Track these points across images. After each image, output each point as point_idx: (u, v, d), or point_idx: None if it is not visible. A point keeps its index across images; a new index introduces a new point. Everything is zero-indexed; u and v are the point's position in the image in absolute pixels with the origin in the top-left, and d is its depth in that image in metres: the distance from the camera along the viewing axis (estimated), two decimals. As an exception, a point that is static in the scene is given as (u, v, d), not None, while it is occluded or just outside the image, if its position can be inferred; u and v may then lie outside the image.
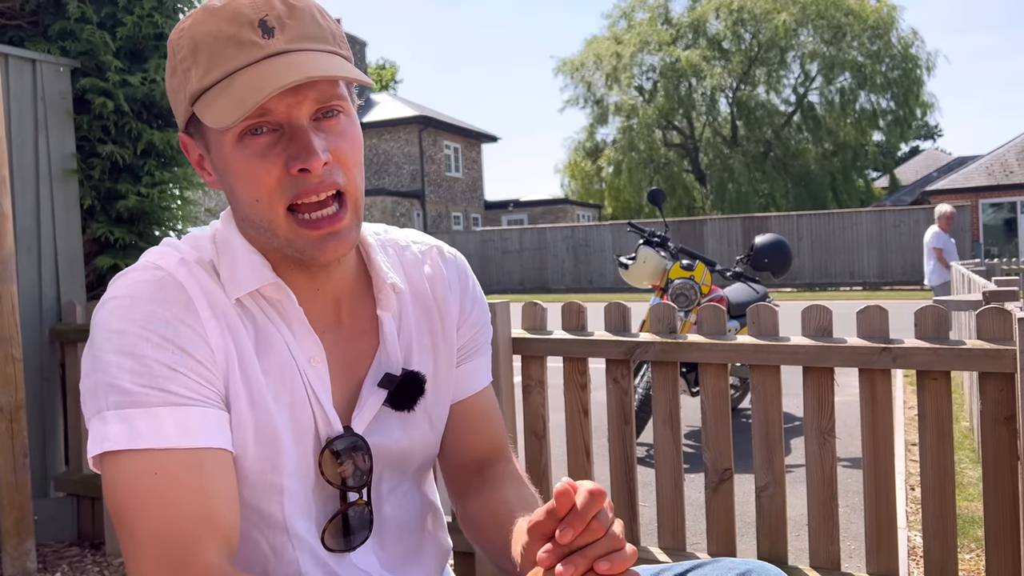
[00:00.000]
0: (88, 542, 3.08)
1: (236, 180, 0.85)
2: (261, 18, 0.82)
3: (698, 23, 32.02)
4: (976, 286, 4.95)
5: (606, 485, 2.40)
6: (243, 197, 0.85)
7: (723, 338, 2.07)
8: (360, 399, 0.96)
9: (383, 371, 0.97)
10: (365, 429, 0.95)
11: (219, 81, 0.82)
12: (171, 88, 0.88)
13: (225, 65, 0.82)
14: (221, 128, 0.81)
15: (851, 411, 4.85)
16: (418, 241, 1.06)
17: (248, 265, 0.89)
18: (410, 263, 1.03)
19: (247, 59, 0.81)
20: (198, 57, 0.83)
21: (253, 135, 0.83)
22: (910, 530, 3.05)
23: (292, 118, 0.83)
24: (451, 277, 1.05)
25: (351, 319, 0.97)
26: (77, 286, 3.21)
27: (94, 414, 0.82)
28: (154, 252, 0.90)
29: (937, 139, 47.48)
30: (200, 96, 0.83)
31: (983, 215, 23.75)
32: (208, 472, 0.81)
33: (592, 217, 33.74)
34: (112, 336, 0.82)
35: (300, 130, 0.83)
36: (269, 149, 0.83)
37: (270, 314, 0.91)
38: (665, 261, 4.74)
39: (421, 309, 1.02)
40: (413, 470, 1.02)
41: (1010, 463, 1.79)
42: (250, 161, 0.83)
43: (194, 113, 0.85)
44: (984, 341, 1.80)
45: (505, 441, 1.11)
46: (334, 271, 0.94)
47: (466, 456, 1.07)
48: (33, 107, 3.08)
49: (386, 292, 0.97)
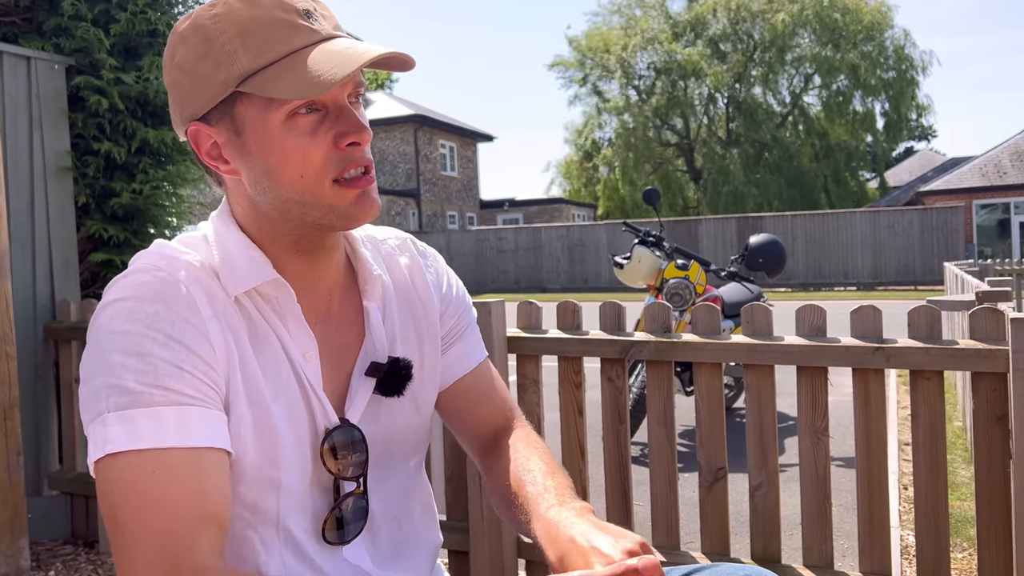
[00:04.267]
0: (82, 540, 3.07)
1: (284, 157, 0.87)
2: (305, 7, 0.88)
3: (696, 22, 32.07)
4: (969, 286, 4.97)
5: (600, 484, 2.40)
6: (286, 175, 0.88)
7: (717, 337, 2.08)
8: (351, 389, 0.98)
9: (369, 360, 0.99)
10: (359, 418, 0.97)
11: (280, 60, 0.85)
12: (194, 72, 0.87)
13: (284, 45, 0.85)
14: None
15: (845, 410, 4.86)
16: (392, 236, 1.11)
17: (247, 262, 0.90)
18: (388, 256, 1.07)
19: (307, 40, 0.86)
20: (248, 40, 0.85)
21: (302, 115, 0.87)
22: (903, 529, 3.06)
23: (337, 99, 0.89)
24: (428, 266, 1.10)
25: (340, 310, 0.99)
26: (71, 284, 3.20)
27: (94, 418, 0.81)
28: (149, 254, 0.90)
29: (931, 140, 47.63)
30: (254, 75, 0.85)
31: (976, 216, 23.84)
32: (206, 471, 0.81)
33: (587, 217, 33.75)
34: (116, 337, 0.82)
35: (346, 108, 0.89)
36: (318, 126, 0.87)
37: (264, 310, 0.92)
38: (660, 261, 4.75)
39: (403, 300, 1.06)
40: (401, 459, 1.04)
41: (1002, 463, 1.80)
42: (300, 139, 0.87)
43: (235, 93, 0.86)
44: (977, 341, 1.81)
45: (513, 406, 1.16)
46: (331, 259, 0.97)
47: (479, 430, 1.13)
48: (28, 105, 3.07)
49: (372, 283, 1.00)
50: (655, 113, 32.04)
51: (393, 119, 26.95)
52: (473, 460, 1.16)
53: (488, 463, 1.11)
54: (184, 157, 3.52)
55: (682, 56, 31.01)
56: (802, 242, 20.08)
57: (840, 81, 30.87)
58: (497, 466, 1.07)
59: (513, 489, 1.00)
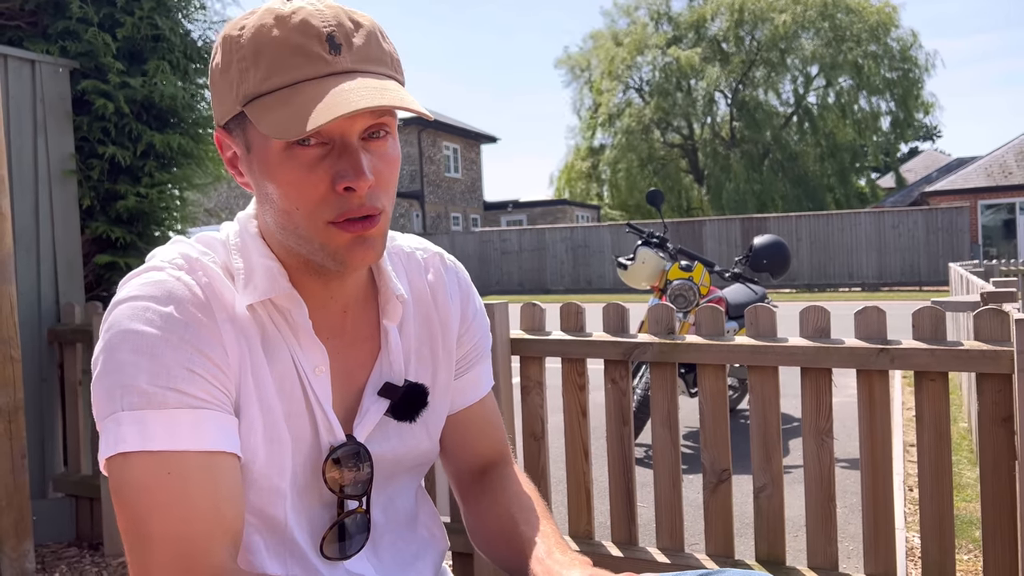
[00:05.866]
0: (87, 542, 3.08)
1: (278, 187, 0.83)
2: (330, 32, 0.81)
3: (699, 23, 32.05)
4: (974, 287, 4.95)
5: (604, 486, 2.40)
6: (282, 204, 0.84)
7: (721, 339, 2.07)
8: (361, 407, 0.96)
9: (383, 380, 0.97)
10: (367, 437, 0.95)
11: (280, 89, 0.81)
12: (219, 81, 0.86)
13: (288, 74, 0.81)
14: (275, 138, 0.79)
15: (849, 412, 4.85)
16: (421, 248, 1.06)
17: (264, 272, 0.89)
18: (414, 270, 1.04)
19: (313, 72, 0.81)
20: (259, 60, 0.81)
21: (302, 145, 0.81)
22: (908, 531, 3.05)
23: (345, 134, 0.82)
24: (451, 285, 1.06)
25: (354, 326, 0.97)
26: (76, 287, 3.21)
27: (108, 415, 0.81)
28: (166, 251, 0.89)
29: (936, 140, 47.48)
30: (256, 99, 0.82)
31: (982, 216, 23.77)
32: (220, 475, 0.81)
33: (591, 218, 33.73)
34: (129, 336, 0.81)
35: (351, 147, 0.82)
36: (317, 162, 0.82)
37: (277, 321, 0.90)
38: (664, 262, 4.74)
39: (421, 317, 1.02)
40: (407, 479, 1.03)
41: (1008, 464, 1.80)
42: (297, 172, 0.82)
43: (243, 112, 0.84)
44: (982, 342, 1.81)
45: (506, 443, 1.13)
46: (348, 280, 0.94)
47: (470, 461, 1.10)
48: (32, 108, 3.08)
49: (393, 303, 0.97)
50: (658, 114, 32.02)
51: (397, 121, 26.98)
52: (453, 488, 1.12)
53: (473, 495, 1.09)
54: (189, 161, 3.53)
55: (684, 57, 30.99)
56: (807, 243, 20.03)
57: (845, 81, 30.83)
58: (484, 499, 1.06)
59: (507, 527, 1.00)
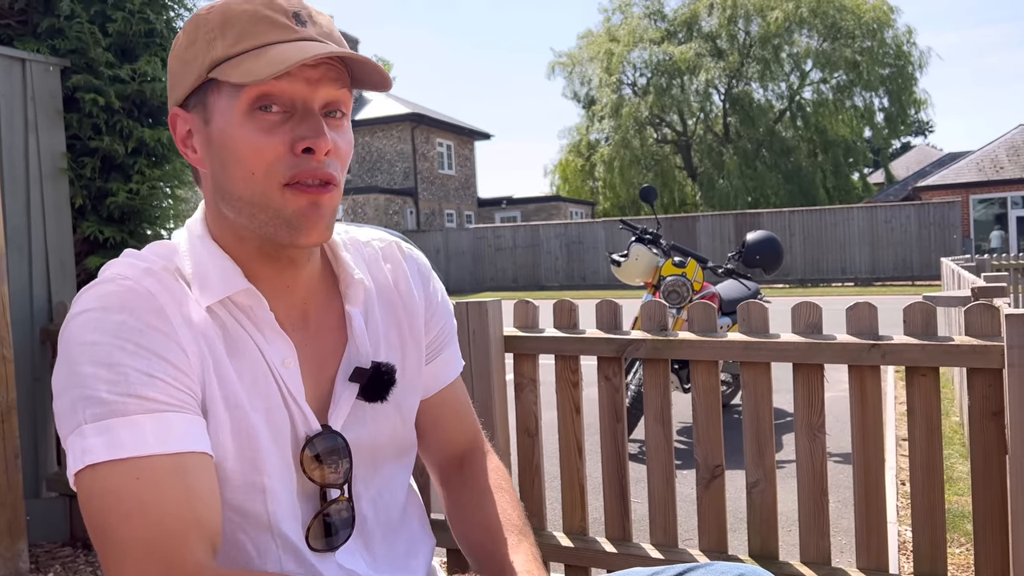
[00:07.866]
0: (81, 542, 3.07)
1: (235, 153, 0.86)
2: (295, 11, 0.88)
3: (692, 19, 32.05)
4: (965, 282, 4.97)
5: (598, 482, 2.41)
6: (237, 171, 0.86)
7: (714, 335, 2.08)
8: (334, 395, 0.97)
9: (352, 366, 0.98)
10: (342, 425, 0.96)
11: (250, 50, 0.85)
12: (183, 59, 0.89)
13: (257, 39, 0.85)
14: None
15: (842, 407, 4.87)
16: (377, 238, 1.08)
17: (219, 271, 0.90)
18: (371, 260, 1.05)
19: (281, 37, 0.86)
20: (227, 30, 0.86)
21: (263, 111, 0.85)
22: (900, 525, 3.07)
23: (306, 100, 0.86)
24: (412, 271, 1.08)
25: (318, 317, 0.98)
26: (68, 286, 3.20)
27: (72, 430, 0.80)
28: (117, 264, 0.89)
29: (928, 135, 47.65)
30: (224, 61, 0.85)
31: (973, 211, 23.87)
32: (191, 476, 0.81)
33: (585, 214, 33.74)
34: (86, 348, 0.81)
35: (312, 113, 0.86)
36: (277, 127, 0.85)
37: (240, 319, 0.91)
38: (657, 258, 4.75)
39: (386, 305, 1.04)
40: (389, 466, 1.03)
41: (998, 458, 1.81)
42: (255, 135, 0.85)
43: (207, 81, 0.87)
44: (972, 337, 1.81)
45: (479, 429, 1.17)
46: (303, 267, 0.95)
47: (448, 448, 1.13)
48: (23, 106, 3.06)
49: (354, 287, 0.98)
50: (651, 111, 32.02)
51: (390, 118, 26.94)
52: (433, 479, 1.15)
53: (453, 486, 1.12)
54: (181, 157, 3.52)
55: (677, 53, 30.99)
56: (800, 238, 20.10)
57: (839, 76, 30.86)
58: (464, 495, 1.10)
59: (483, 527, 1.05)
